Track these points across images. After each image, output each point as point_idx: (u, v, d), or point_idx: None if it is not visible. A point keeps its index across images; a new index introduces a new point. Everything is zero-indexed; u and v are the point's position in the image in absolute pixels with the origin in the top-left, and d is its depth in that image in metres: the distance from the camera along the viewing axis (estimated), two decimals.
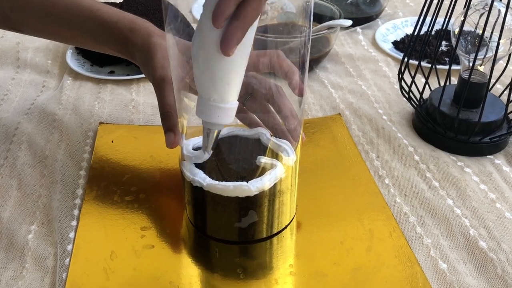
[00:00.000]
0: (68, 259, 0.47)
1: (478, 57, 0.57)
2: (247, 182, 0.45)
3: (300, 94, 0.49)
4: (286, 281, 0.46)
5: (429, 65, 0.62)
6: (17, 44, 0.83)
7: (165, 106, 0.50)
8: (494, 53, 0.56)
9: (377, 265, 0.47)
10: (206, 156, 0.46)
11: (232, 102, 0.41)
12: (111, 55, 0.60)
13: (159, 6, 0.81)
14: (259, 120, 0.52)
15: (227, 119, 0.41)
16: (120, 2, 0.83)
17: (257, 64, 0.50)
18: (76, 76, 0.76)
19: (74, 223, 0.51)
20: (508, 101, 0.59)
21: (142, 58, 0.53)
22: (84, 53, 0.80)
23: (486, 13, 0.55)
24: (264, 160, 0.47)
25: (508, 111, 0.60)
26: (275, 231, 0.50)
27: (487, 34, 0.58)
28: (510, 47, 0.59)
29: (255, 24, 0.38)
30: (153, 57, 0.52)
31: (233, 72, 0.39)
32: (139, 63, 0.55)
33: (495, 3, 0.56)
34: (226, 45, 0.36)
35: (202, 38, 0.37)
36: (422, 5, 0.60)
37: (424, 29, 0.63)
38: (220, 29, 0.36)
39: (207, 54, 0.38)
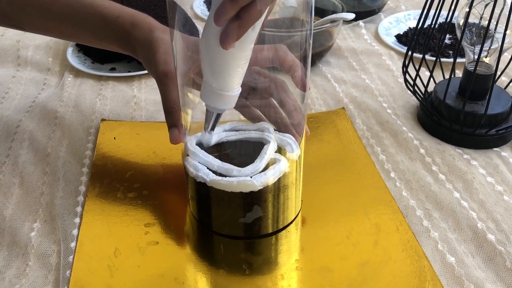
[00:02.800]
0: (71, 257, 0.47)
1: (483, 49, 0.57)
2: (251, 177, 0.45)
3: (303, 88, 0.48)
4: (292, 276, 0.46)
5: (432, 58, 0.61)
6: (17, 42, 0.83)
7: (168, 102, 0.49)
8: (500, 44, 0.55)
9: (384, 259, 0.46)
10: (209, 137, 0.47)
11: (232, 90, 0.42)
12: (112, 51, 0.59)
13: (160, 2, 0.80)
14: (262, 115, 0.52)
15: (228, 105, 0.43)
16: None
17: (260, 59, 0.49)
18: (77, 73, 0.75)
19: (77, 220, 0.51)
20: None
21: (144, 54, 0.53)
22: (85, 50, 0.79)
23: (491, 4, 0.55)
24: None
25: None
26: (280, 226, 0.49)
27: (492, 25, 0.58)
28: None
29: (260, 22, 0.39)
30: (155, 52, 0.51)
31: (234, 64, 0.40)
32: (141, 59, 0.54)
33: None
34: (225, 41, 0.38)
35: (207, 31, 0.39)
36: None
37: (427, 22, 0.63)
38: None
39: (209, 45, 0.39)
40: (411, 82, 0.64)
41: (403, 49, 0.80)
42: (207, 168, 0.46)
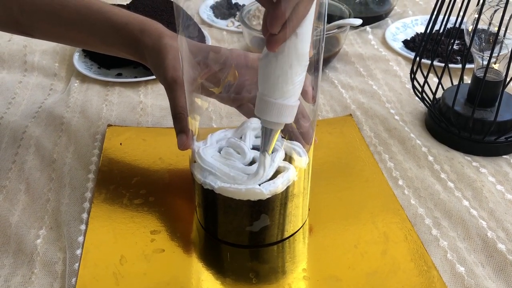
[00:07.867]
0: (77, 264, 0.47)
1: (492, 55, 0.56)
2: (259, 185, 0.44)
3: (312, 100, 0.48)
4: (300, 286, 0.45)
5: (441, 64, 0.61)
6: (24, 47, 0.83)
7: (177, 107, 0.49)
8: (509, 50, 0.55)
9: (392, 269, 0.46)
10: (269, 160, 0.44)
11: (290, 99, 0.40)
12: (119, 57, 0.59)
13: (166, 8, 0.80)
14: None
15: (288, 118, 0.41)
16: (127, 4, 0.83)
17: None
18: (83, 78, 0.75)
19: (83, 227, 0.51)
20: None
21: (153, 60, 0.53)
22: (91, 56, 0.79)
23: (501, 10, 0.54)
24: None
25: None
26: (287, 234, 0.49)
27: (501, 31, 0.57)
28: None
29: (307, 27, 0.38)
30: (164, 58, 0.51)
31: (290, 72, 0.39)
32: (149, 65, 0.54)
33: None
34: (270, 44, 0.38)
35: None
36: (432, 3, 0.59)
37: (435, 28, 0.62)
38: None
39: (264, 53, 0.39)
40: (419, 89, 0.63)
41: (411, 55, 0.80)
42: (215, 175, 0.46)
